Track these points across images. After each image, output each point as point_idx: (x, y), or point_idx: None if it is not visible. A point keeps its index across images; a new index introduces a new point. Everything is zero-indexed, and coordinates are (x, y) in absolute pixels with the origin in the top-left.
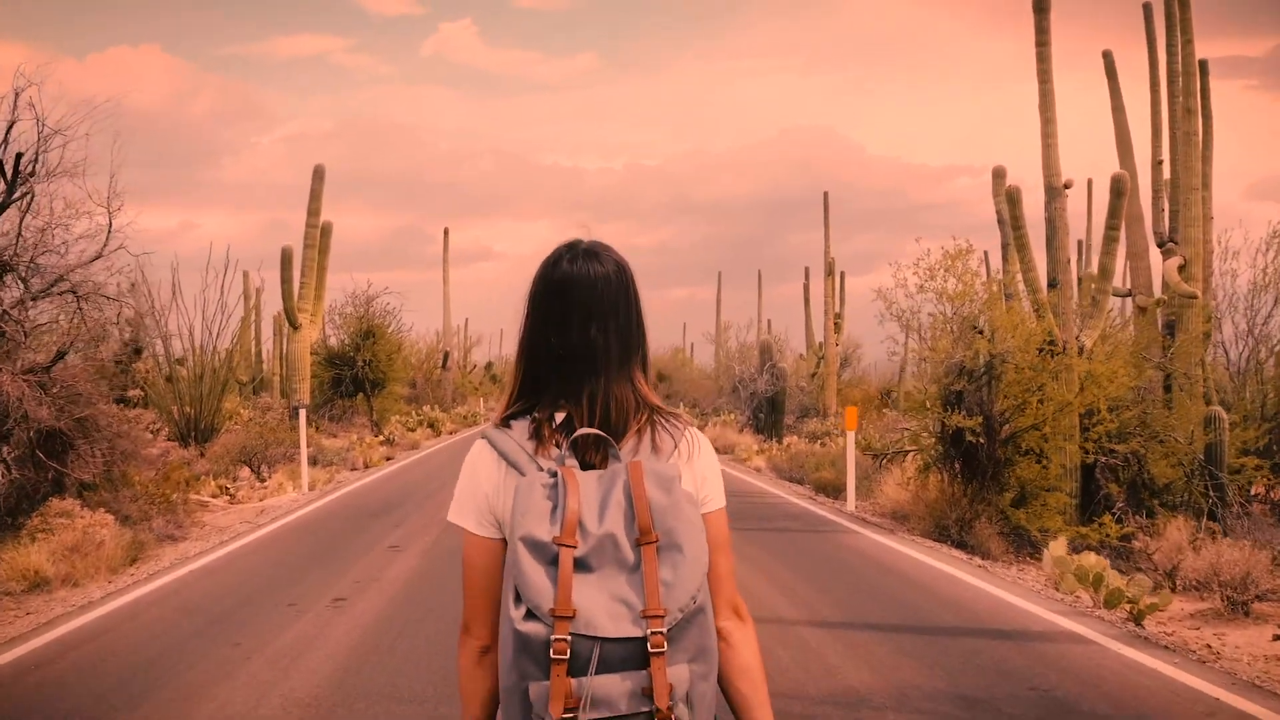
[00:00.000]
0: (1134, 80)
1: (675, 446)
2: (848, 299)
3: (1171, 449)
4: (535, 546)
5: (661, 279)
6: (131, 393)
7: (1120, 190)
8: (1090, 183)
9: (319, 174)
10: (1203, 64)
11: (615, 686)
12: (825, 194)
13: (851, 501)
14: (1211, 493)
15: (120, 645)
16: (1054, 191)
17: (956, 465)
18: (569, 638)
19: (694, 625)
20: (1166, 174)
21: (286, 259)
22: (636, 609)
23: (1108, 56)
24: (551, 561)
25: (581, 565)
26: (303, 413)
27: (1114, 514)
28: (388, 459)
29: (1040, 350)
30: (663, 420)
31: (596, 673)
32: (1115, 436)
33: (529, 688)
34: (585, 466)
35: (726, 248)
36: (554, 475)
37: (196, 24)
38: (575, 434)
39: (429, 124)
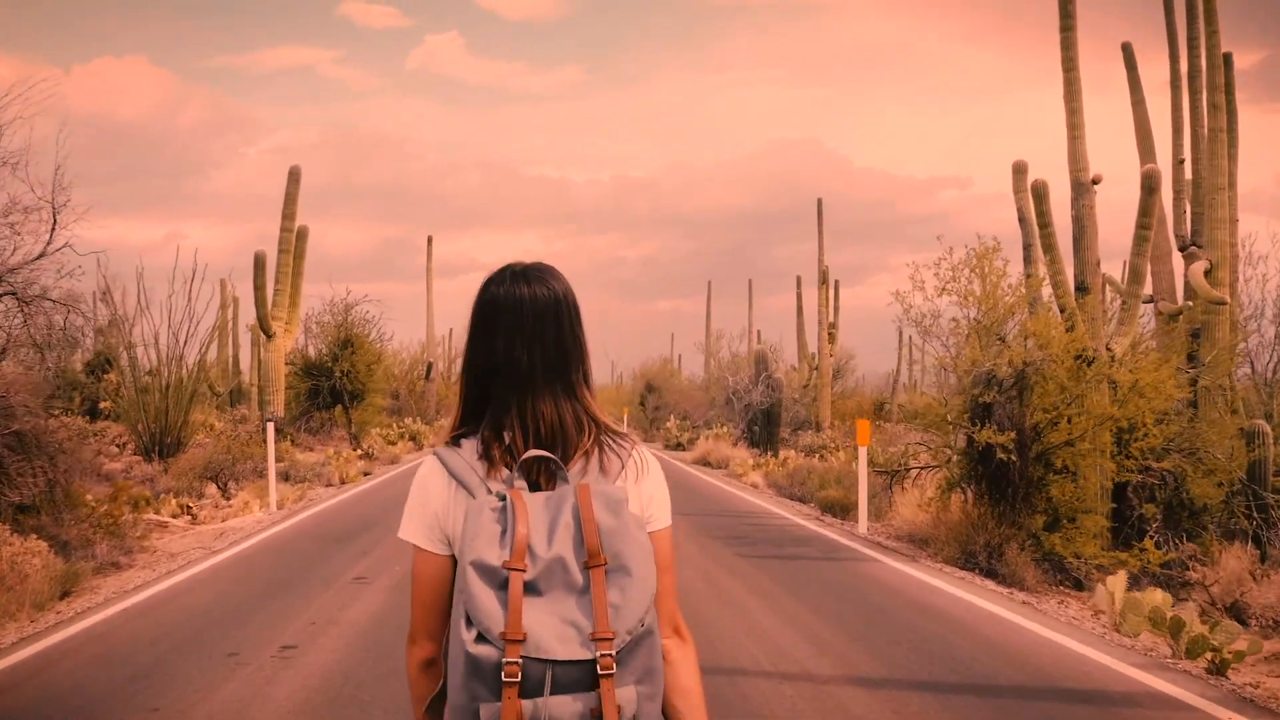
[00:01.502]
0: (1150, 76)
1: (623, 467)
2: (839, 310)
3: (1211, 466)
4: (485, 571)
5: (649, 291)
6: (103, 404)
7: (1152, 186)
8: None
9: (294, 176)
10: (1227, 57)
11: (566, 708)
12: (819, 200)
13: (864, 524)
14: (1255, 514)
15: (12, 710)
16: (1081, 187)
17: (983, 485)
18: (520, 660)
19: (642, 647)
20: (1188, 173)
21: (259, 264)
22: (586, 631)
23: (1127, 49)
24: (501, 586)
25: (531, 589)
26: (270, 426)
27: (1152, 538)
28: (365, 474)
29: (1076, 359)
30: (610, 440)
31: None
32: (1153, 453)
33: (480, 709)
34: (534, 488)
35: (714, 260)
36: (503, 499)
37: (183, 35)
38: (523, 456)
39: (416, 135)
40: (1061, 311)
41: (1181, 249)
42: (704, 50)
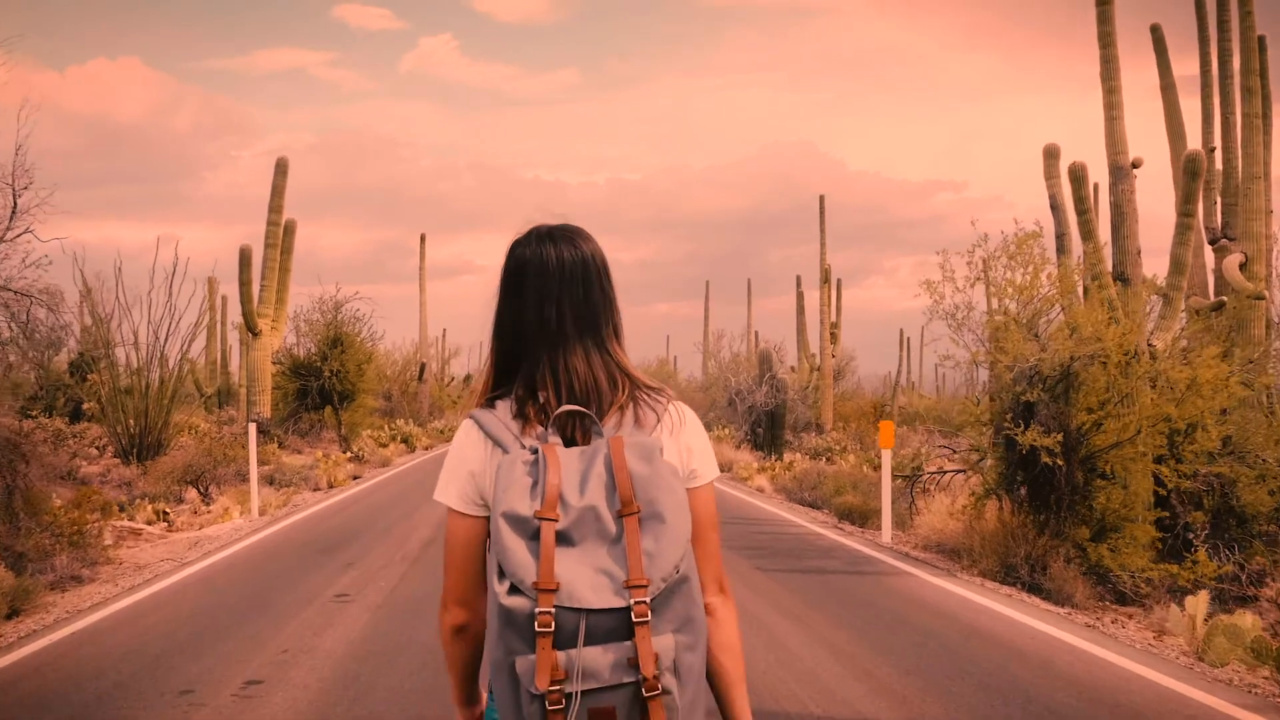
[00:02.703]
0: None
1: (659, 421)
2: (841, 310)
3: (1265, 471)
4: (517, 521)
5: (644, 294)
6: (87, 405)
7: (1195, 170)
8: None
9: (281, 169)
10: (1261, 40)
11: (600, 658)
12: (821, 197)
13: (888, 532)
14: None
15: None
16: (1120, 172)
17: (1022, 491)
18: (553, 610)
19: (678, 595)
20: (1218, 163)
21: (245, 259)
22: (619, 580)
23: (1156, 31)
24: (533, 536)
25: (563, 539)
26: (252, 427)
27: (1200, 548)
28: (354, 478)
29: (1127, 354)
30: (645, 395)
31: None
32: (1205, 457)
33: (515, 662)
34: (569, 443)
35: (709, 263)
36: (535, 452)
37: (177, 37)
38: (557, 411)
39: (410, 138)
40: (1106, 306)
41: (1212, 242)
42: (699, 54)
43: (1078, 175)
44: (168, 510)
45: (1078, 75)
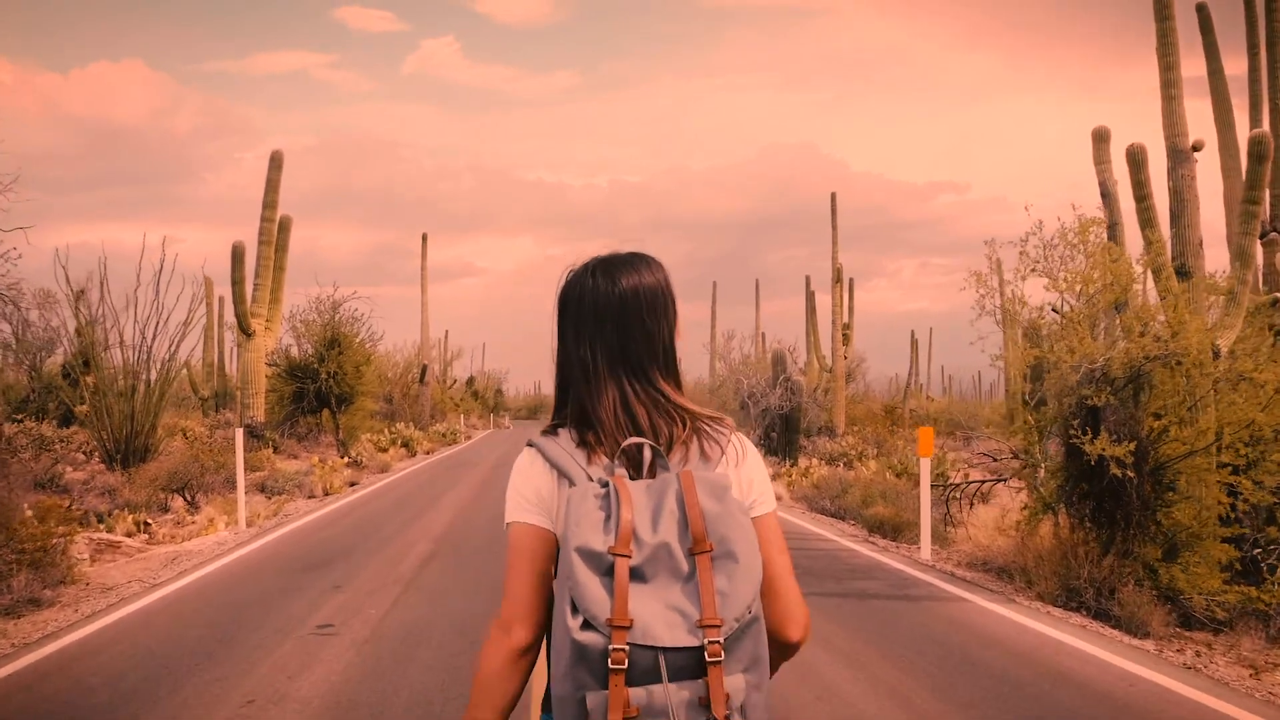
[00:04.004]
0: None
1: (723, 454)
2: (854, 310)
3: None
4: (590, 556)
5: None
6: (79, 409)
7: (1261, 153)
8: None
9: (276, 162)
10: None
11: (673, 696)
12: (833, 195)
13: (927, 549)
14: None
15: None
16: (1179, 155)
17: (1085, 505)
18: (627, 647)
19: (749, 635)
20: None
21: (237, 257)
22: (693, 618)
23: (1202, 10)
24: (607, 572)
25: (637, 575)
26: (239, 432)
27: (1278, 567)
28: (351, 485)
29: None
30: (707, 427)
31: (651, 682)
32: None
33: (585, 697)
34: (634, 477)
35: (710, 264)
36: (605, 485)
37: (179, 39)
38: (625, 443)
39: (411, 140)
40: (1162, 298)
41: (1261, 236)
42: (699, 55)
43: (1136, 158)
44: (149, 521)
45: (1078, 76)
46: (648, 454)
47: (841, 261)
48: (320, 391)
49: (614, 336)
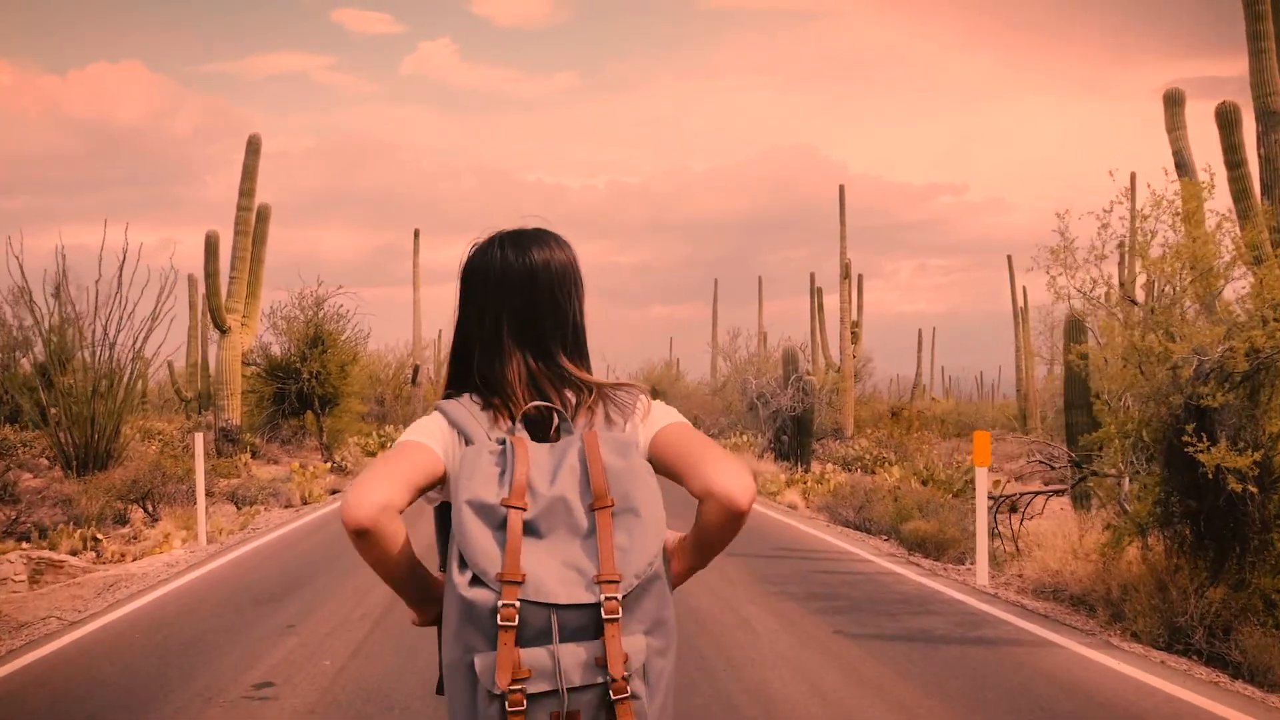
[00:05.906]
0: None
1: (632, 413)
2: (863, 309)
3: None
4: (482, 509)
5: (644, 297)
6: (53, 411)
7: None
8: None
9: (253, 146)
10: None
11: (568, 656)
12: (841, 188)
13: (983, 573)
14: None
15: None
16: (1272, 118)
17: (1186, 528)
18: (517, 604)
19: (650, 593)
20: None
21: (211, 248)
22: (589, 574)
23: None
24: (499, 526)
25: (531, 530)
26: (198, 437)
27: None
28: (332, 492)
29: None
30: (613, 393)
31: (546, 643)
32: None
33: (474, 660)
34: (538, 441)
35: (710, 266)
36: (503, 443)
37: (178, 41)
38: (526, 406)
39: (410, 141)
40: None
41: None
42: (698, 56)
43: (1229, 118)
44: (99, 537)
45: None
46: (556, 420)
47: (837, 262)
48: (302, 392)
49: (521, 308)
